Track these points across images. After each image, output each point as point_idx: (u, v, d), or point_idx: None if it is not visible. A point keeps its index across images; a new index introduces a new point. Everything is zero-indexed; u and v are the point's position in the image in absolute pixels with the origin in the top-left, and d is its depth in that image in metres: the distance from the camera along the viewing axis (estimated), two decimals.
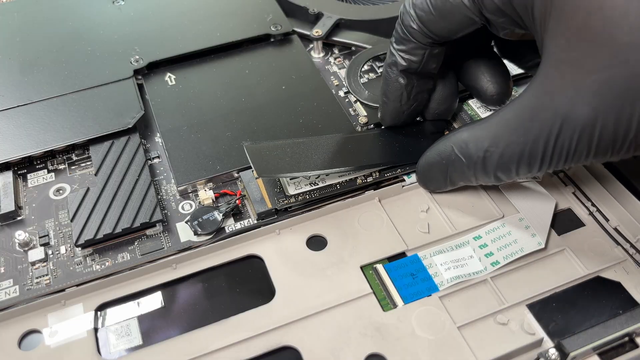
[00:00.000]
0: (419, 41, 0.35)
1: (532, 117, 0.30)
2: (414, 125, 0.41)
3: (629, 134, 0.28)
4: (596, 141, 0.28)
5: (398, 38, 0.36)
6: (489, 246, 0.36)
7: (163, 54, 0.46)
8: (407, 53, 0.36)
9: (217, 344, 0.32)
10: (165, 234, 0.36)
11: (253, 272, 0.36)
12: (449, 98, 0.40)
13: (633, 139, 0.28)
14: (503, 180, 0.33)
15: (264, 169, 0.36)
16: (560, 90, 0.29)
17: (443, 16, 0.33)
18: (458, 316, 0.33)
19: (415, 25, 0.34)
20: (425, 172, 0.38)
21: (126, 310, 0.34)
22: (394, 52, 0.36)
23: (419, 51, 0.36)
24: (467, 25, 0.34)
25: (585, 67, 0.28)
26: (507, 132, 0.31)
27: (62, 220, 0.37)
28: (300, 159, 0.37)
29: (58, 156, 0.41)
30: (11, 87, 0.44)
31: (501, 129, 0.32)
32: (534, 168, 0.31)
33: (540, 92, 0.30)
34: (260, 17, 0.50)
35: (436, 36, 0.35)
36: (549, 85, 0.29)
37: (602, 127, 0.28)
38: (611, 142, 0.28)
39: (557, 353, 0.30)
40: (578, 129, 0.29)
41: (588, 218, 0.38)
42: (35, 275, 0.34)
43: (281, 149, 0.37)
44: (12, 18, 0.50)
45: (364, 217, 0.37)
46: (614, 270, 0.35)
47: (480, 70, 0.39)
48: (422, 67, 0.36)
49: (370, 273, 0.35)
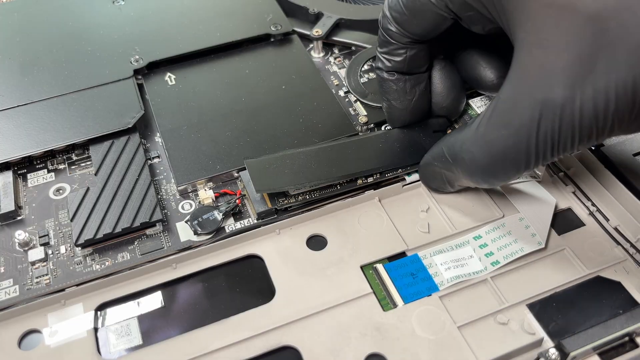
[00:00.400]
0: (399, 42, 0.36)
1: (511, 108, 0.29)
2: (417, 124, 0.40)
3: (609, 107, 0.27)
4: (578, 121, 0.27)
5: (380, 42, 0.37)
6: (489, 246, 0.36)
7: (163, 54, 0.46)
8: (389, 54, 0.37)
9: (217, 343, 0.32)
10: (165, 234, 0.36)
11: (253, 272, 0.36)
12: (452, 90, 0.40)
13: (614, 112, 0.27)
14: (495, 181, 0.33)
15: (263, 183, 0.36)
16: (534, 75, 0.28)
17: (415, 15, 0.34)
18: (458, 316, 0.33)
19: (393, 27, 0.35)
20: (424, 174, 0.38)
21: (126, 310, 0.34)
22: (378, 56, 0.38)
23: (401, 51, 0.36)
24: (439, 21, 0.34)
25: (555, 46, 0.27)
26: (489, 129, 0.31)
27: (62, 220, 0.37)
28: (300, 170, 0.37)
29: (58, 156, 0.41)
30: (11, 87, 0.44)
31: (483, 127, 0.31)
32: (521, 164, 0.30)
33: (515, 82, 0.29)
34: (260, 17, 0.50)
35: (414, 35, 0.35)
36: (523, 73, 0.29)
37: (581, 105, 0.27)
38: (594, 119, 0.27)
39: (557, 353, 0.30)
40: (558, 111, 0.28)
41: (588, 218, 0.38)
42: (35, 275, 0.34)
43: (281, 160, 0.37)
44: (12, 18, 0.50)
45: (364, 216, 0.37)
46: (614, 270, 0.35)
47: (475, 59, 0.38)
48: (407, 66, 0.37)
49: (370, 273, 0.35)
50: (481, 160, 0.31)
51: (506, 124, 0.30)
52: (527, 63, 0.29)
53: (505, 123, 0.30)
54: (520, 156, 0.30)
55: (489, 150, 0.31)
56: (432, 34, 0.35)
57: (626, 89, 0.26)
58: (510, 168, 0.31)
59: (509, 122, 0.29)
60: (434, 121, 0.40)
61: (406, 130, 0.40)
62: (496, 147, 0.30)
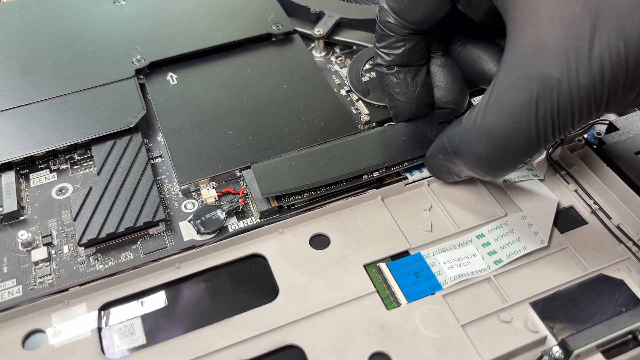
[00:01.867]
0: (398, 34, 0.36)
1: (507, 91, 0.29)
2: (422, 117, 0.40)
3: (604, 76, 0.27)
4: (576, 94, 0.27)
5: (378, 37, 0.37)
6: (492, 244, 0.36)
7: (165, 54, 0.46)
8: (388, 48, 0.37)
9: (221, 343, 0.32)
10: (168, 233, 0.36)
11: (256, 271, 0.36)
12: (455, 84, 0.39)
13: (610, 81, 0.27)
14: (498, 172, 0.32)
15: (268, 187, 0.36)
16: (529, 53, 0.28)
17: (413, 1, 0.34)
18: (462, 314, 0.33)
19: (391, 18, 0.36)
20: (430, 166, 0.38)
21: (130, 310, 0.34)
22: (377, 52, 0.38)
23: (399, 44, 0.37)
24: (437, 6, 0.34)
25: (548, 21, 0.27)
26: (487, 116, 0.30)
27: (65, 219, 0.37)
28: (306, 170, 0.37)
29: (60, 156, 0.41)
30: (13, 87, 0.44)
31: (480, 116, 0.30)
32: (522, 148, 0.29)
33: (510, 62, 0.29)
34: (261, 16, 0.50)
35: (413, 24, 0.35)
36: (517, 52, 0.29)
37: (578, 77, 0.27)
38: (591, 90, 0.27)
39: (561, 351, 0.30)
40: (555, 86, 0.27)
41: (590, 216, 0.38)
42: (38, 275, 0.34)
43: (287, 163, 0.38)
44: (13, 18, 0.50)
45: (367, 215, 0.38)
46: (616, 268, 0.35)
47: (475, 54, 0.38)
48: (407, 59, 0.37)
49: (374, 272, 0.35)
50: (481, 151, 0.31)
51: (504, 107, 0.29)
52: (521, 42, 0.28)
53: (503, 107, 0.29)
54: (521, 140, 0.29)
55: (489, 139, 0.30)
56: (431, 21, 0.35)
57: (619, 56, 0.26)
58: (512, 155, 0.30)
59: (506, 105, 0.29)
60: (439, 112, 0.40)
61: (412, 123, 0.40)
62: (496, 135, 0.30)
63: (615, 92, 0.27)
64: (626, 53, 0.26)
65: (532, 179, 0.39)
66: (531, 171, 0.39)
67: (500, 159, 0.31)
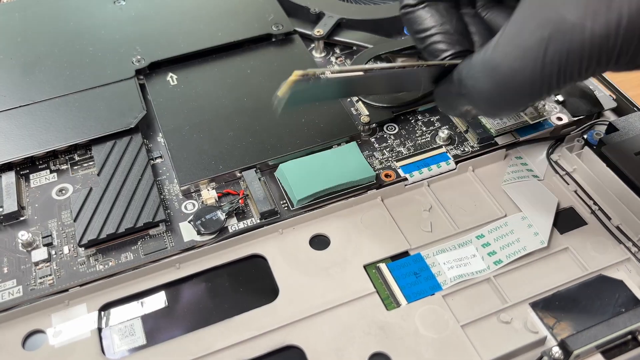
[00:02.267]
0: None
1: (519, 30, 0.28)
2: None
3: (620, 25, 0.26)
4: (589, 42, 0.26)
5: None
6: (492, 245, 0.36)
7: (165, 54, 0.46)
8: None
9: (221, 343, 0.32)
10: (169, 234, 0.36)
11: (256, 272, 0.36)
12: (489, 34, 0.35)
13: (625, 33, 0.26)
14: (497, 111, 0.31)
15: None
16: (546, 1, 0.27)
17: None
18: (461, 315, 0.33)
19: None
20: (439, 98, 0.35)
21: (130, 310, 0.34)
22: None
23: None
24: None
25: None
26: (496, 53, 0.29)
27: (65, 220, 0.37)
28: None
29: (60, 156, 0.41)
30: (13, 87, 0.44)
31: (490, 52, 0.30)
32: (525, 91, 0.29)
33: (527, 2, 0.28)
34: (261, 17, 0.50)
35: None
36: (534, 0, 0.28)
37: (593, 25, 0.26)
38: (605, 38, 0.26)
39: (561, 351, 0.30)
40: (569, 31, 0.26)
41: (590, 217, 0.38)
42: (38, 275, 0.34)
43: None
44: (13, 18, 0.50)
45: (367, 216, 0.38)
46: (616, 268, 0.35)
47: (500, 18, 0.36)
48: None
49: (374, 272, 0.35)
50: (484, 86, 0.30)
51: (514, 46, 0.28)
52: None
53: (513, 46, 0.28)
54: (525, 81, 0.29)
55: (493, 76, 0.29)
56: None
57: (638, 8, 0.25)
58: (513, 95, 0.30)
59: (517, 44, 0.28)
60: None
61: None
62: (501, 73, 0.29)
63: (629, 43, 0.27)
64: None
65: (532, 179, 0.39)
66: (531, 171, 0.40)
67: (502, 97, 0.30)
